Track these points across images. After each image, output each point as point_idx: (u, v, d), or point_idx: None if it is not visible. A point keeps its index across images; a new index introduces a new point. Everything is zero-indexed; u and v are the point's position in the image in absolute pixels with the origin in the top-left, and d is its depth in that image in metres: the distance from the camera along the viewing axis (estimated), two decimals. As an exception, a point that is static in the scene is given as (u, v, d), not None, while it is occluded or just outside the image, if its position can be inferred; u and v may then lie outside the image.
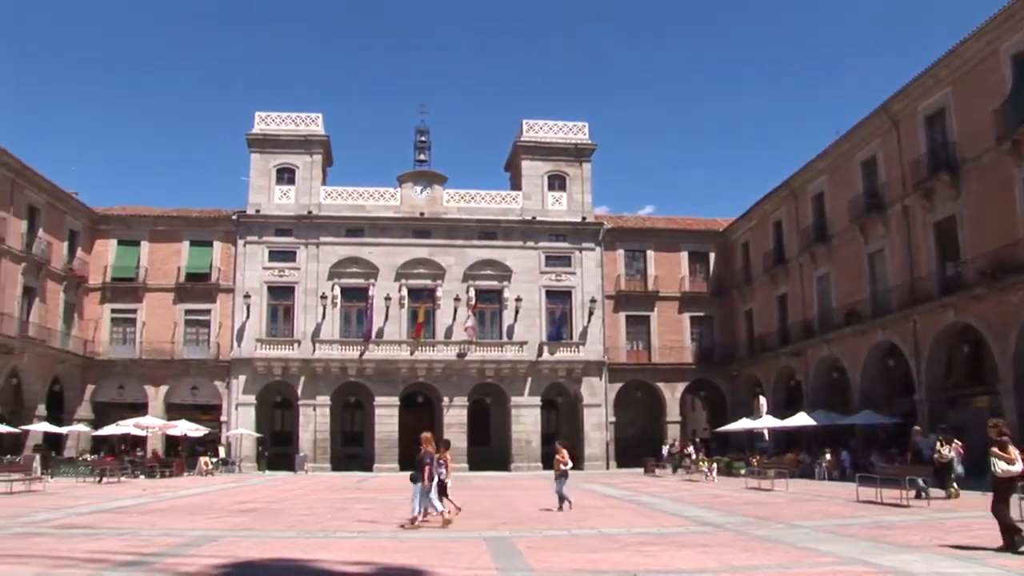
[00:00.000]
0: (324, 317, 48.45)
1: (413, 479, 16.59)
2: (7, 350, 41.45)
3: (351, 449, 49.67)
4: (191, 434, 44.75)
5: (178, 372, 48.79)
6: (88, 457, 42.71)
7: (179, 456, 44.56)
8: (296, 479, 40.20)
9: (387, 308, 48.45)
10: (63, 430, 43.73)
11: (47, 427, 42.51)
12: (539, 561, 11.58)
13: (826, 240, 40.59)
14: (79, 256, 48.64)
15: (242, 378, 48.03)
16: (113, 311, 49.51)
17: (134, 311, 49.35)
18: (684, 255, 51.81)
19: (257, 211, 49.39)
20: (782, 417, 40.17)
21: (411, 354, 48.03)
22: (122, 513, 20.01)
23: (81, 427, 45.69)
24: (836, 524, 16.09)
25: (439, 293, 49.14)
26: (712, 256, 52.20)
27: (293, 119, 50.87)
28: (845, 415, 36.72)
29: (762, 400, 44.52)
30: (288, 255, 49.40)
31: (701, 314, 51.38)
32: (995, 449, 11.63)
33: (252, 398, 48.03)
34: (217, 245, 49.79)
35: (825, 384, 41.54)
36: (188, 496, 26.64)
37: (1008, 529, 11.44)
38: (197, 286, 49.23)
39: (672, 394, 50.12)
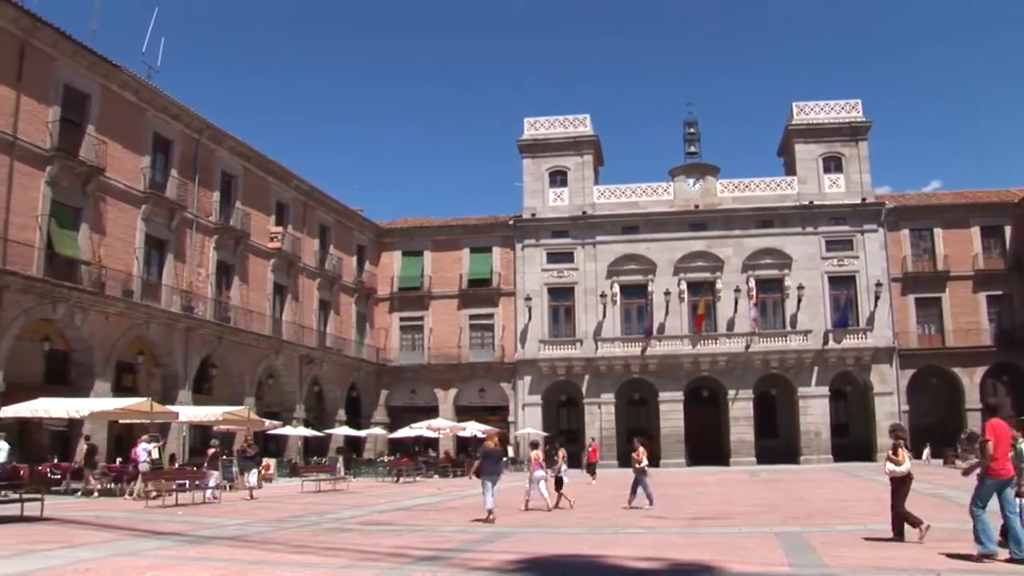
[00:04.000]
0: (604, 315, 48.77)
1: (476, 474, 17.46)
2: (309, 360, 43.96)
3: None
4: (480, 435, 45.80)
5: (465, 375, 50.36)
6: (385, 458, 44.72)
7: (470, 456, 45.68)
8: (583, 476, 40.43)
9: (667, 303, 48.24)
10: (361, 433, 45.75)
11: (347, 431, 44.57)
12: (833, 557, 11.15)
13: None
14: (367, 269, 51.05)
15: (527, 379, 49.00)
16: (401, 319, 51.81)
17: (421, 319, 51.40)
18: (976, 231, 48.71)
19: (533, 215, 50.27)
20: (1102, 400, 37.36)
21: (693, 348, 47.66)
22: (418, 511, 20.73)
23: (377, 430, 47.77)
24: None
25: (718, 285, 48.53)
26: (1008, 229, 48.72)
27: (561, 122, 51.45)
28: None
29: (1075, 383, 41.56)
30: (566, 256, 49.99)
31: (999, 292, 48.17)
32: (889, 452, 12.67)
33: (538, 398, 48.93)
34: (496, 250, 51.08)
35: None
36: (479, 495, 27.12)
37: (899, 519, 12.50)
38: (479, 291, 50.72)
39: (971, 379, 47.35)
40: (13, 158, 27.09)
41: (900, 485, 12.62)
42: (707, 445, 47.92)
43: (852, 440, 48.45)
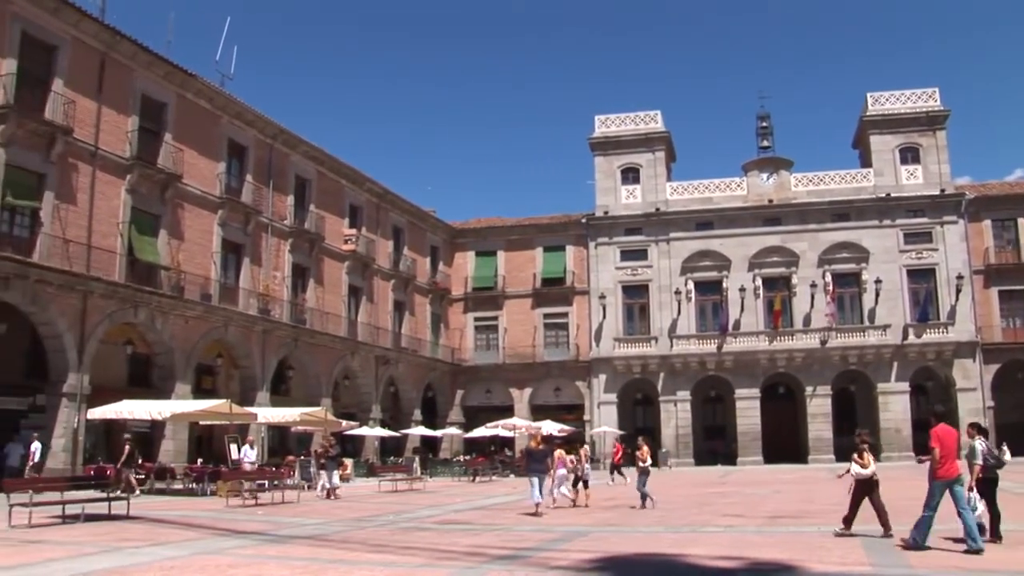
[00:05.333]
0: (679, 313, 48.41)
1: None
2: (384, 361, 44.37)
3: (713, 443, 49.24)
4: (556, 433, 45.72)
5: (540, 374, 50.49)
6: (461, 458, 44.98)
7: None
8: (659, 475, 39.91)
9: (742, 299, 47.74)
10: (437, 433, 45.88)
11: (423, 431, 44.73)
12: (917, 557, 10.88)
13: None
14: (441, 269, 51.43)
15: (602, 377, 48.93)
16: (476, 319, 52.20)
17: (495, 318, 51.68)
18: (1064, 219, 47.20)
19: (605, 213, 50.18)
20: None
21: (769, 344, 47.06)
22: (495, 510, 20.61)
23: (453, 430, 47.93)
24: None
25: (794, 280, 47.83)
26: (1099, 217, 47.11)
27: (632, 119, 51.29)
28: None
29: None
30: (639, 254, 49.84)
31: (1090, 283, 46.65)
32: (854, 455, 13.43)
33: (613, 396, 48.83)
34: (569, 249, 51.12)
35: None
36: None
37: (854, 515, 13.36)
38: (553, 290, 50.80)
39: (1060, 374, 45.99)
40: (95, 167, 27.94)
41: (864, 486, 13.34)
42: (784, 443, 47.13)
43: (935, 437, 47.13)
